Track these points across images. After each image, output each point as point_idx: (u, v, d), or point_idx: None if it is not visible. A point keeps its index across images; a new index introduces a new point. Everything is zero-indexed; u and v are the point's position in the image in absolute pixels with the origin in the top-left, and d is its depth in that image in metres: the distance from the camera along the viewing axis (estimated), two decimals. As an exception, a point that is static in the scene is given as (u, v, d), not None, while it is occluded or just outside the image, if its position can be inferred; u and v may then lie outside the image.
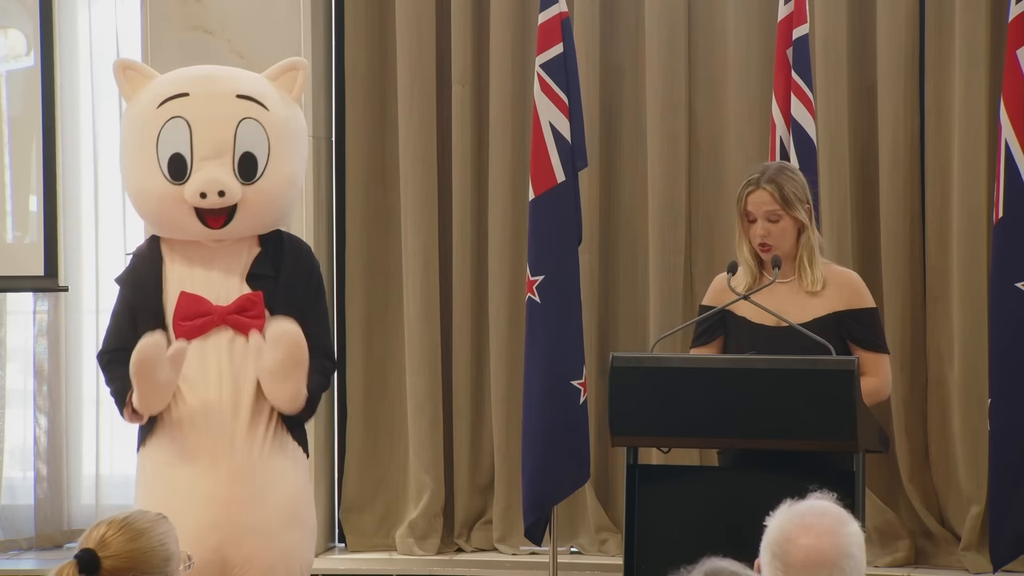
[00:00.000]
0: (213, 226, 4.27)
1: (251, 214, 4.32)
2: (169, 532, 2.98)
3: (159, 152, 4.27)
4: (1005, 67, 5.14)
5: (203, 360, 4.25)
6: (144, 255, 4.38)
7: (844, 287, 4.51)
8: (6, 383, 6.59)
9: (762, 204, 4.46)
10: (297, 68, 4.48)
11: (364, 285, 6.26)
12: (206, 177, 4.23)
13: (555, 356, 5.43)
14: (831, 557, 2.76)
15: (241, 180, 4.28)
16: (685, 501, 4.30)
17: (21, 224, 6.45)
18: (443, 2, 6.19)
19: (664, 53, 5.99)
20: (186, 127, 4.28)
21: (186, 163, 4.27)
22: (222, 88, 4.38)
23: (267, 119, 4.36)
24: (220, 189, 4.23)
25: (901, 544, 5.85)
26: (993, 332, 5.13)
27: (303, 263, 4.41)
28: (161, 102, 4.32)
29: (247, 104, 4.35)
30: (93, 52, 6.45)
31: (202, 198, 4.23)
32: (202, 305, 4.25)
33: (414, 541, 6.18)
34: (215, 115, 4.32)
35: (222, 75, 4.46)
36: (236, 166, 4.28)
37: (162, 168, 4.27)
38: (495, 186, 6.13)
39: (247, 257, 4.35)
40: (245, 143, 4.31)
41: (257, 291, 4.29)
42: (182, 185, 4.26)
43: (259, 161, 4.32)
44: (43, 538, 6.47)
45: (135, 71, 4.40)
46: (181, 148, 4.27)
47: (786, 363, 4.20)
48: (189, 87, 4.36)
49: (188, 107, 4.31)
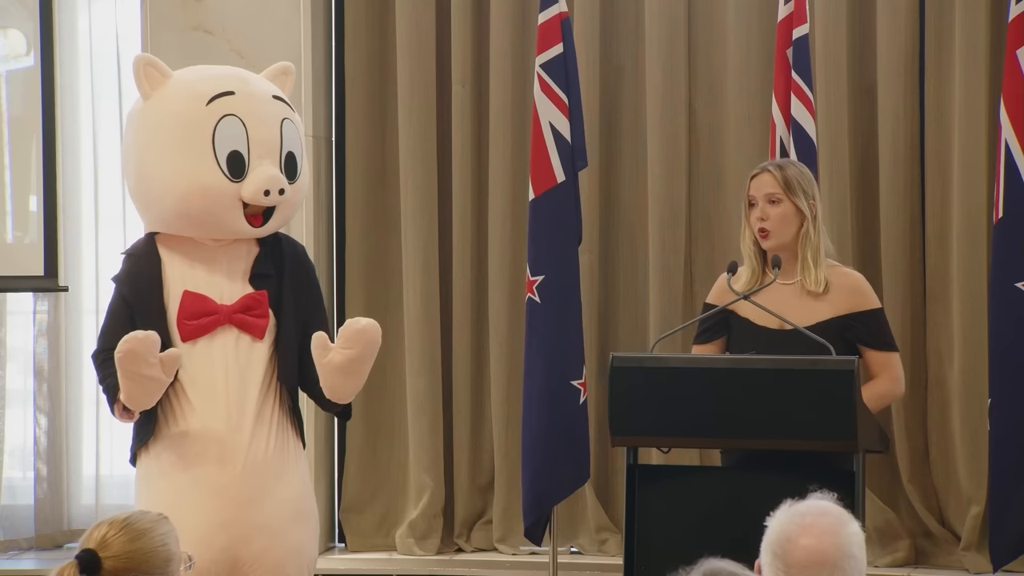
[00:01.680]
0: (255, 224, 4.29)
1: (284, 214, 4.35)
2: (170, 533, 2.98)
3: (216, 149, 4.25)
4: (1005, 67, 5.14)
5: (209, 360, 4.24)
6: (141, 255, 4.35)
7: (848, 290, 4.50)
8: (6, 383, 6.59)
9: (763, 186, 4.48)
10: (288, 72, 4.51)
11: (364, 285, 6.27)
12: (268, 175, 4.24)
13: (555, 356, 5.43)
14: (832, 557, 2.76)
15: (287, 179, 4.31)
16: (685, 501, 4.30)
17: (21, 224, 6.45)
18: (443, 2, 6.19)
19: (664, 53, 5.99)
20: (241, 126, 4.26)
21: (244, 161, 4.26)
22: (258, 88, 4.38)
23: (296, 121, 4.42)
24: (281, 187, 4.26)
25: (901, 544, 5.85)
26: (993, 332, 5.13)
27: (303, 264, 4.43)
28: (210, 100, 4.29)
29: (282, 105, 4.38)
30: (93, 52, 6.45)
31: (265, 195, 4.24)
32: (207, 304, 4.25)
33: (414, 541, 6.18)
34: (264, 115, 4.32)
35: (248, 76, 4.44)
36: (283, 165, 4.31)
37: (221, 166, 4.25)
38: (495, 186, 6.13)
39: (247, 257, 4.35)
40: (289, 143, 4.34)
41: (261, 290, 4.30)
42: (239, 183, 4.25)
43: (298, 161, 4.36)
44: (43, 538, 6.47)
45: (155, 68, 4.35)
46: (239, 146, 4.25)
47: (786, 363, 4.20)
48: (230, 86, 4.34)
49: (237, 105, 4.29)
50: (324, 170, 6.28)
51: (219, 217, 4.28)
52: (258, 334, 4.27)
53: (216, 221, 4.29)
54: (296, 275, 4.37)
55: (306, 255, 4.48)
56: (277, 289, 4.32)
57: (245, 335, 4.26)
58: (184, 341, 4.24)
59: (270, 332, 4.29)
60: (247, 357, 4.26)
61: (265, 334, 4.28)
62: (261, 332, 4.28)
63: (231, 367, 4.24)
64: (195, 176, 4.25)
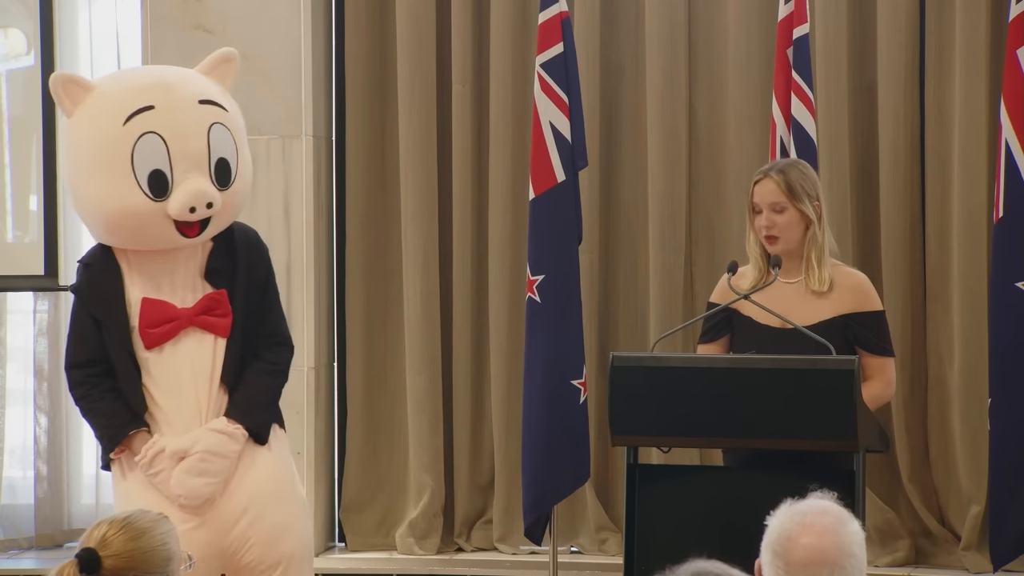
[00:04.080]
0: (190, 235, 4.24)
1: (224, 218, 4.31)
2: (170, 532, 2.99)
3: (135, 170, 4.19)
4: (1005, 67, 5.14)
5: (175, 364, 4.26)
6: (98, 265, 4.33)
7: (851, 289, 4.50)
8: (6, 383, 6.59)
9: (767, 194, 4.46)
10: (230, 59, 4.41)
11: (364, 285, 6.26)
12: (192, 191, 4.18)
13: (555, 356, 5.43)
14: (832, 556, 2.76)
15: (218, 187, 4.26)
16: (685, 501, 4.30)
17: (21, 224, 6.45)
18: (443, 2, 6.19)
19: (664, 53, 5.99)
20: (161, 142, 4.19)
21: (167, 179, 4.20)
22: (183, 96, 4.28)
23: (229, 121, 4.32)
24: (208, 201, 4.20)
25: (901, 544, 5.85)
26: (993, 332, 5.13)
27: (255, 248, 4.40)
28: (127, 118, 4.20)
29: (211, 109, 4.28)
30: (93, 52, 6.44)
31: (191, 212, 4.19)
32: (168, 310, 4.24)
33: (414, 541, 6.18)
34: (186, 126, 4.23)
35: (174, 81, 4.33)
36: (213, 174, 4.26)
37: (142, 186, 4.19)
38: (495, 186, 6.13)
39: (202, 254, 4.34)
40: (218, 150, 4.26)
41: (220, 289, 4.29)
42: (164, 201, 4.19)
43: (231, 166, 4.30)
44: (43, 538, 6.47)
45: (76, 84, 4.26)
46: (160, 164, 4.19)
47: (787, 363, 4.19)
48: (150, 99, 4.24)
49: (157, 121, 4.21)
50: (324, 170, 6.28)
51: (151, 234, 4.24)
52: (222, 332, 4.29)
53: (149, 238, 4.26)
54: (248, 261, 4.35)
55: (258, 238, 4.45)
56: (233, 282, 4.32)
57: (208, 335, 4.27)
58: (148, 349, 4.26)
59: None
60: (213, 357, 4.28)
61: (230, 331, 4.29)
62: (225, 331, 4.29)
63: (197, 369, 4.26)
64: (118, 199, 4.20)
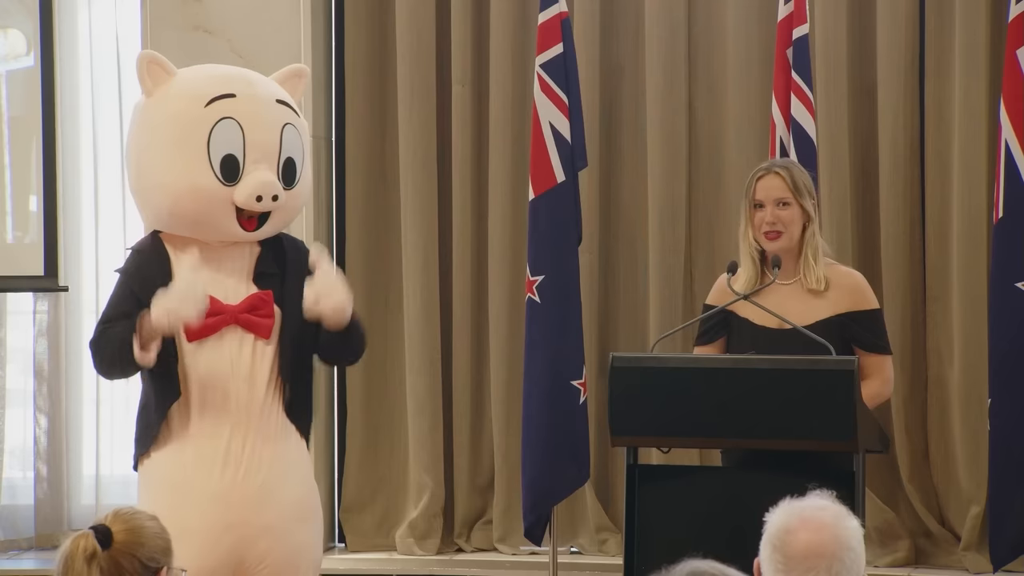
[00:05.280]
0: (248, 228, 4.26)
1: (281, 219, 4.33)
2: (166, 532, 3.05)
3: (210, 152, 4.22)
4: (1005, 67, 5.14)
5: (216, 360, 4.23)
6: (148, 251, 4.33)
7: (848, 288, 4.50)
8: (6, 383, 6.59)
9: (773, 189, 4.46)
10: (302, 75, 4.48)
11: (364, 285, 6.26)
12: (261, 181, 4.21)
13: (555, 356, 5.43)
14: (831, 549, 2.76)
15: (283, 185, 4.29)
16: (685, 501, 4.30)
17: (21, 224, 6.45)
18: (443, 2, 6.20)
19: (664, 53, 5.99)
20: (238, 129, 4.23)
21: (239, 165, 4.23)
22: (263, 92, 4.35)
23: (300, 126, 4.38)
24: (275, 193, 4.22)
25: (901, 544, 5.85)
26: (993, 332, 5.13)
27: (305, 261, 4.41)
28: (209, 101, 4.26)
29: (286, 110, 4.34)
30: (93, 52, 6.45)
31: (257, 201, 4.21)
32: (214, 304, 4.22)
33: (414, 541, 6.18)
34: (263, 119, 4.28)
35: (255, 78, 4.41)
36: (280, 171, 4.29)
37: (214, 168, 4.23)
38: (495, 186, 6.13)
39: (250, 257, 4.34)
40: (288, 149, 4.30)
41: (267, 290, 4.30)
42: (232, 186, 4.23)
43: (297, 167, 4.33)
44: (43, 538, 6.47)
45: (159, 66, 4.31)
46: (234, 150, 4.22)
47: (786, 363, 4.19)
48: (232, 88, 4.31)
49: (237, 108, 4.26)
50: (324, 170, 6.28)
51: (211, 219, 4.25)
52: (264, 334, 4.25)
53: (208, 223, 4.27)
54: (299, 272, 4.36)
55: (306, 249, 4.47)
56: (280, 288, 4.32)
57: (251, 335, 4.26)
58: (190, 341, 4.22)
59: (275, 332, 4.28)
60: (253, 357, 4.25)
61: (271, 334, 4.27)
62: (267, 332, 4.25)
63: (237, 368, 4.23)
64: (188, 177, 4.23)
